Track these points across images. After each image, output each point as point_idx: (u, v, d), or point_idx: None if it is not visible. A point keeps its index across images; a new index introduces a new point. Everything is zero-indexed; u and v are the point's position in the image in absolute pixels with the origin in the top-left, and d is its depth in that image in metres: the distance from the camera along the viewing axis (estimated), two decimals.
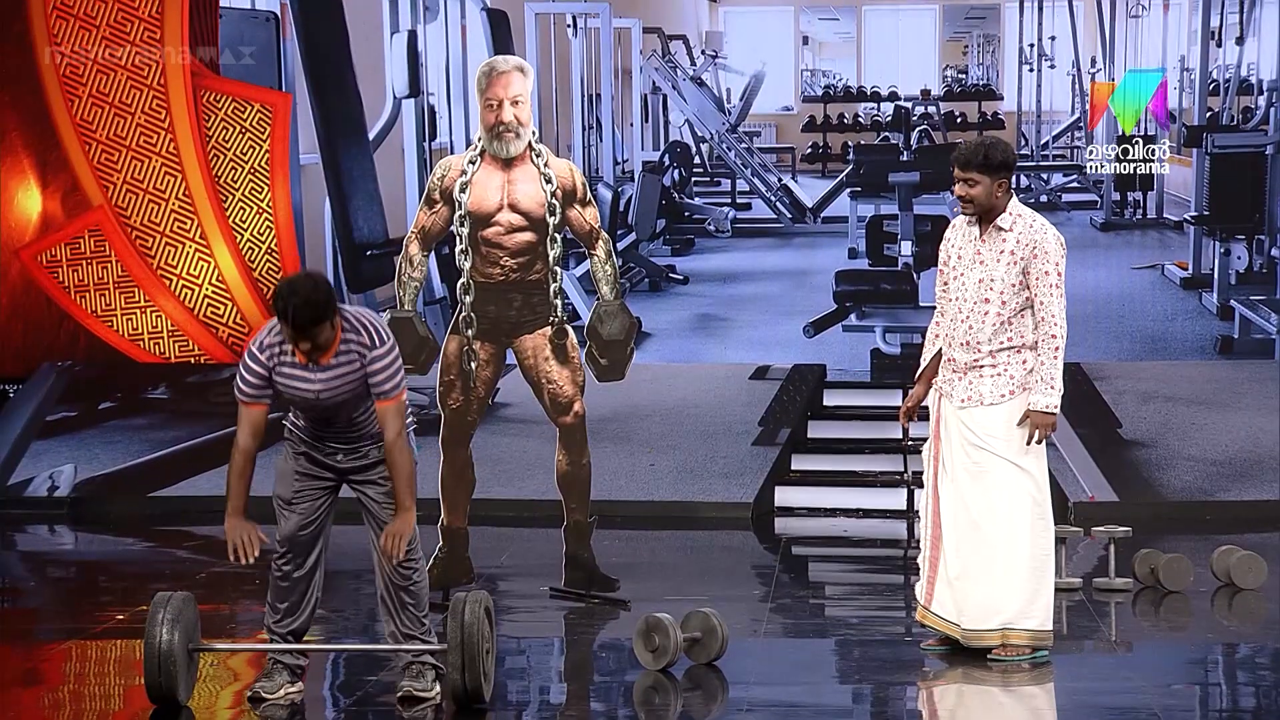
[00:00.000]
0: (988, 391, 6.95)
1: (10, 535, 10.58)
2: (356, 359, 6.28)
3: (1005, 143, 7.07)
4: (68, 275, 11.88)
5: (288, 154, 11.83)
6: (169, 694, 6.33)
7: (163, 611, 6.32)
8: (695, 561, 9.83)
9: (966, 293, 6.98)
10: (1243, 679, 7.41)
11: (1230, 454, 10.90)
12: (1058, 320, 6.91)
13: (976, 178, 6.91)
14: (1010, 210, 6.96)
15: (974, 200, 6.93)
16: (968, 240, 7.03)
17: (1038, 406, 6.89)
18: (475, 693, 6.29)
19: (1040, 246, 6.89)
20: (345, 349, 6.28)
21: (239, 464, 6.36)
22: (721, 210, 13.86)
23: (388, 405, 6.31)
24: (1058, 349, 6.91)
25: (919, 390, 7.22)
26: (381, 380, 6.30)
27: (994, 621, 6.97)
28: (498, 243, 8.15)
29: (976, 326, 6.95)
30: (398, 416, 6.32)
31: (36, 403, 11.65)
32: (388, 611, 6.54)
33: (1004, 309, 6.91)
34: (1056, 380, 6.91)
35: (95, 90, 11.74)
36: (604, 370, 8.47)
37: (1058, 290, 6.91)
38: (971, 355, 6.96)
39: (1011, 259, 6.90)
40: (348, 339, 6.29)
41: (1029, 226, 6.94)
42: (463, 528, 8.40)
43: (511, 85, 8.04)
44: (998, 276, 6.91)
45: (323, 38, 11.88)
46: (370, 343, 6.30)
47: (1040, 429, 6.90)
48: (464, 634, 6.24)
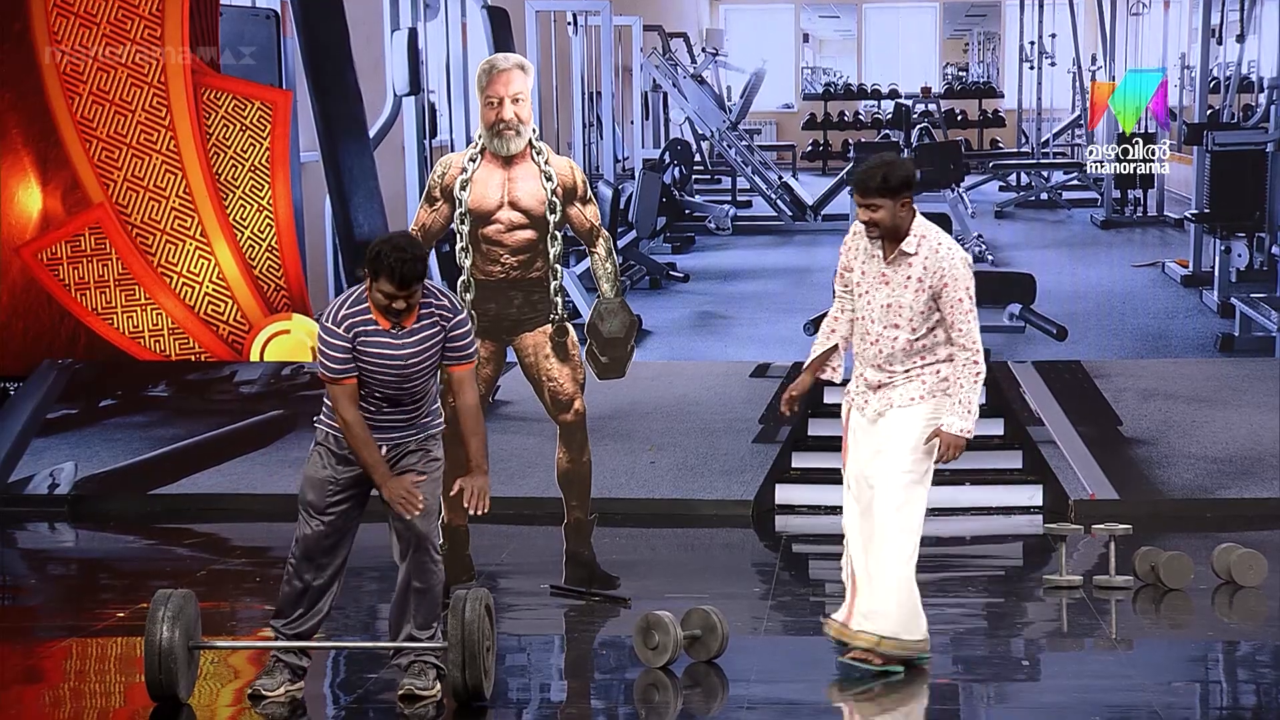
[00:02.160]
0: (897, 397, 6.79)
1: (11, 533, 10.58)
2: (439, 323, 6.37)
3: (903, 160, 6.88)
4: (68, 273, 11.91)
5: (288, 151, 11.86)
6: (169, 691, 6.33)
7: (163, 609, 6.32)
8: (696, 559, 9.85)
9: (873, 313, 6.79)
10: (1243, 676, 7.41)
11: (1231, 451, 10.89)
12: (977, 345, 6.71)
13: (878, 202, 6.67)
14: (914, 231, 6.73)
15: (879, 224, 6.69)
16: (871, 257, 6.81)
17: (951, 429, 6.70)
18: (476, 690, 6.29)
19: (949, 274, 6.66)
20: (427, 313, 6.36)
21: (362, 436, 6.33)
22: (722, 208, 13.85)
23: (464, 370, 6.47)
24: (978, 374, 6.72)
25: (805, 380, 7.01)
26: (464, 345, 6.44)
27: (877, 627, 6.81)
28: (498, 240, 8.16)
29: (887, 351, 6.78)
30: (472, 381, 6.49)
31: (37, 400, 11.68)
32: (400, 609, 6.53)
33: (914, 334, 6.73)
34: (973, 406, 6.71)
35: (96, 88, 11.77)
36: (604, 368, 8.48)
37: (972, 315, 6.70)
38: (884, 376, 6.81)
39: (919, 286, 6.69)
40: (428, 303, 6.36)
41: (934, 252, 6.70)
42: (463, 525, 8.39)
43: (512, 83, 8.05)
44: (905, 304, 6.71)
45: (323, 35, 11.89)
46: (452, 307, 6.41)
47: (950, 449, 6.71)
48: (464, 631, 6.23)
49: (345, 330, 6.32)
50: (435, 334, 6.37)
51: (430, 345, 6.37)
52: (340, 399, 6.35)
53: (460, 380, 6.47)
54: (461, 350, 6.44)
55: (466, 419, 6.48)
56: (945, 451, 6.73)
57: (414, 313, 6.32)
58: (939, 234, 6.78)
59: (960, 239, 12.87)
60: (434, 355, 6.40)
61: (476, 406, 6.51)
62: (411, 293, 6.23)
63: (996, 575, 9.66)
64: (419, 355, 6.36)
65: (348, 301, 6.37)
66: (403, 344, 6.34)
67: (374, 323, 6.32)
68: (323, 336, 6.35)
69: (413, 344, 6.35)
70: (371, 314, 6.32)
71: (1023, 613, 8.43)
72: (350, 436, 6.35)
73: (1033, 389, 11.41)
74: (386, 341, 6.33)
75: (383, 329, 6.32)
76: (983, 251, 13.04)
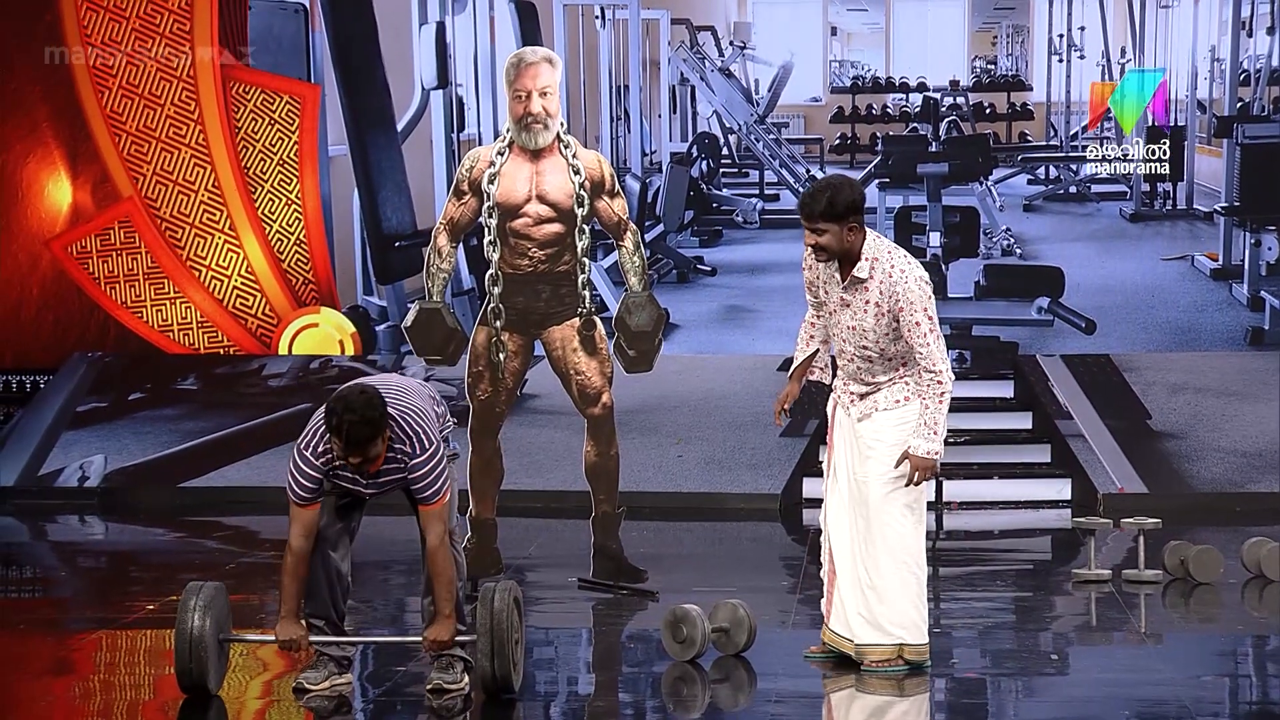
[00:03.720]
0: (882, 399, 6.73)
1: (41, 525, 10.64)
2: (401, 465, 6.31)
3: (850, 182, 6.77)
4: (98, 266, 11.94)
5: (316, 145, 11.90)
6: (199, 682, 6.32)
7: (195, 599, 6.32)
8: (723, 552, 9.85)
9: (843, 334, 6.74)
10: (1273, 671, 7.39)
11: (1261, 445, 10.86)
12: (939, 366, 6.60)
13: (823, 226, 6.59)
14: (866, 255, 6.64)
15: (826, 249, 6.61)
16: (831, 279, 6.74)
17: (918, 451, 6.62)
18: (504, 681, 6.29)
19: (903, 298, 6.57)
20: (392, 456, 6.30)
21: (291, 565, 6.35)
22: (749, 201, 13.84)
23: (429, 510, 6.34)
24: (943, 395, 6.62)
25: (793, 389, 7.00)
26: (422, 487, 6.32)
27: (890, 636, 6.76)
28: (526, 234, 8.16)
29: (864, 369, 6.73)
30: (439, 521, 6.34)
31: (67, 393, 11.72)
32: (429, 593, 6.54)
33: (884, 352, 6.67)
34: (940, 426, 6.64)
35: (125, 82, 11.81)
36: (632, 361, 8.45)
37: (933, 334, 6.59)
38: (868, 387, 6.76)
39: (878, 310, 6.62)
40: (394, 448, 6.29)
41: (887, 276, 6.61)
42: (491, 518, 8.41)
43: (540, 77, 8.04)
44: (868, 328, 6.65)
45: (351, 29, 11.93)
46: (412, 450, 6.30)
47: (920, 472, 6.64)
48: (493, 621, 6.23)
49: (321, 463, 6.31)
50: (399, 476, 6.34)
51: (394, 484, 6.36)
52: (294, 522, 6.35)
53: (425, 519, 6.35)
54: (421, 491, 6.32)
55: (432, 562, 6.35)
56: (914, 475, 6.64)
57: (379, 459, 6.26)
58: (891, 254, 6.68)
59: (989, 232, 12.88)
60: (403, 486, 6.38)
61: (442, 548, 6.33)
62: (364, 452, 6.16)
63: (1025, 569, 9.65)
64: (384, 492, 6.39)
65: (325, 437, 6.30)
66: (369, 485, 6.36)
67: (345, 466, 6.27)
68: (297, 461, 6.33)
69: (379, 484, 6.36)
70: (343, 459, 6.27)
71: (1051, 607, 8.41)
72: (286, 560, 6.34)
73: (1061, 382, 11.38)
74: (354, 479, 6.34)
75: (351, 469, 6.28)
76: (1011, 245, 13.03)
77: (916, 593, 6.76)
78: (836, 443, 6.90)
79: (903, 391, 6.72)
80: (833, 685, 6.78)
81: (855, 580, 6.80)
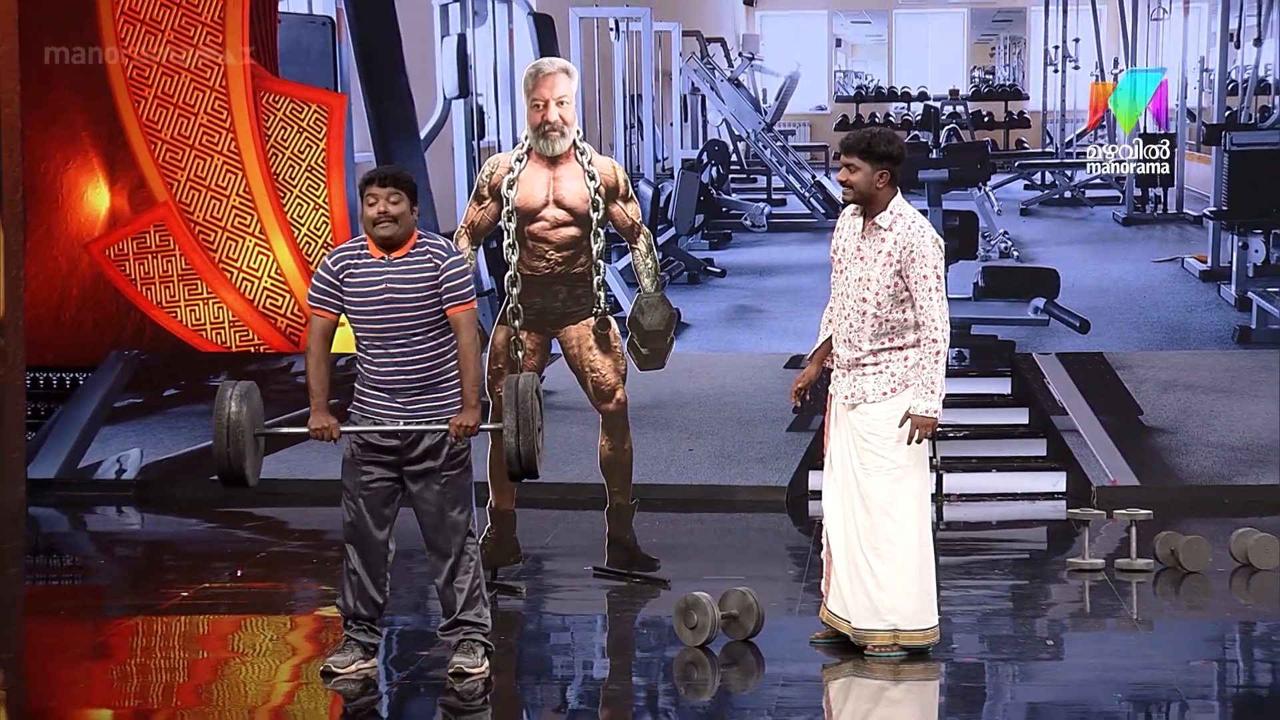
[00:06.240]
0: (870, 389, 6.74)
1: (80, 516, 10.67)
2: (431, 260, 6.40)
3: (894, 135, 6.81)
4: (134, 268, 11.94)
5: (343, 152, 11.87)
6: (238, 468, 6.26)
7: (231, 389, 6.30)
8: (732, 542, 9.87)
9: (849, 289, 6.75)
10: (1259, 656, 7.49)
11: (1248, 440, 10.88)
12: (938, 324, 6.63)
13: (858, 163, 6.68)
14: (892, 209, 6.71)
15: (853, 186, 6.69)
16: (852, 233, 6.78)
17: (917, 410, 6.63)
18: (528, 460, 6.32)
19: (917, 250, 6.62)
20: (420, 249, 6.42)
21: (313, 365, 6.47)
22: (757, 206, 13.86)
23: (461, 311, 6.40)
24: (939, 353, 6.63)
25: (811, 370, 7.01)
26: (454, 287, 6.40)
27: (885, 622, 6.79)
28: (543, 237, 8.22)
29: (856, 325, 6.73)
30: (471, 324, 6.40)
31: (105, 390, 11.75)
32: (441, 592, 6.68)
33: (880, 310, 6.68)
34: (938, 384, 6.64)
35: (160, 92, 11.80)
36: (645, 359, 8.53)
37: (937, 293, 6.62)
38: (853, 353, 6.76)
39: (888, 260, 6.65)
40: (424, 243, 6.45)
41: (907, 229, 6.66)
42: (510, 510, 8.47)
43: (557, 86, 8.10)
44: (873, 277, 6.67)
45: (376, 41, 11.94)
46: (448, 249, 6.47)
47: (920, 430, 6.65)
48: (518, 399, 6.27)
49: (335, 264, 6.44)
50: (426, 265, 6.38)
51: (415, 274, 6.38)
52: (311, 329, 6.49)
53: (457, 322, 6.39)
54: (457, 290, 6.38)
55: (463, 358, 6.40)
56: (914, 433, 6.67)
57: (407, 243, 6.40)
58: (916, 215, 6.75)
59: (987, 235, 12.80)
60: (426, 292, 6.38)
61: (472, 348, 6.40)
62: (394, 184, 6.35)
63: (1021, 558, 9.68)
64: (407, 283, 6.37)
65: (347, 243, 6.51)
66: (390, 269, 6.38)
67: (367, 255, 6.39)
68: (316, 271, 6.50)
69: (400, 270, 6.38)
70: (367, 247, 6.41)
71: (1047, 594, 8.46)
72: (308, 362, 6.45)
73: (1056, 379, 11.40)
74: (374, 265, 6.39)
75: (374, 258, 6.39)
76: (1009, 247, 13.02)
77: (916, 580, 6.79)
78: (833, 432, 6.96)
79: (888, 384, 6.75)
80: (833, 673, 6.83)
81: (852, 565, 6.85)
